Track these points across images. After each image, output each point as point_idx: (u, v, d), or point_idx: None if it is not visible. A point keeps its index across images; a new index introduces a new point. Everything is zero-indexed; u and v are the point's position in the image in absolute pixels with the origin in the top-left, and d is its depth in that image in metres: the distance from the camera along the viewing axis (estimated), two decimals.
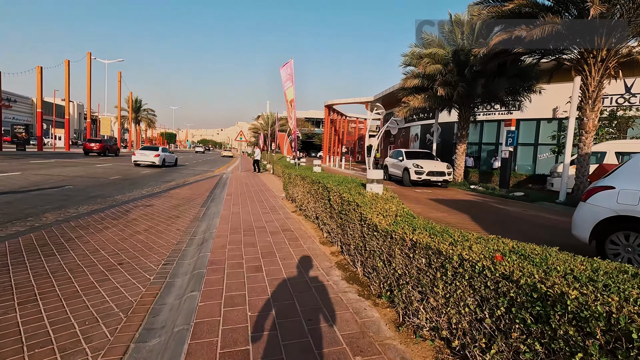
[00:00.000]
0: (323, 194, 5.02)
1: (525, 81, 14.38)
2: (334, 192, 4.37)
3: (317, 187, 5.43)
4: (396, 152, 17.56)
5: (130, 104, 50.69)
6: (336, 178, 5.64)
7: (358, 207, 3.40)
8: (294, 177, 7.86)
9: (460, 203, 10.26)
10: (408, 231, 2.46)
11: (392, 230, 2.61)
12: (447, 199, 11.19)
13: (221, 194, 10.74)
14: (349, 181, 5.19)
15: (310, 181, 6.10)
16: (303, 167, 10.69)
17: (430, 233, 2.37)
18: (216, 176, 18.17)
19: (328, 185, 4.76)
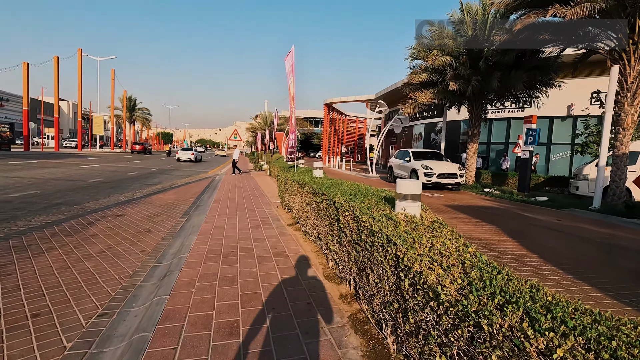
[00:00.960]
0: (328, 211, 3.73)
1: (544, 74, 13.13)
2: (346, 211, 3.09)
3: (320, 199, 4.13)
4: (402, 152, 16.29)
5: (125, 103, 49.29)
6: (345, 187, 4.34)
7: (389, 243, 2.12)
8: (290, 183, 6.56)
9: (481, 211, 9.00)
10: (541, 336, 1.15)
11: (479, 311, 1.32)
12: (464, 205, 9.93)
13: (209, 199, 9.46)
14: (365, 193, 3.89)
15: (310, 190, 4.81)
16: (301, 169, 9.41)
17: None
18: (208, 178, 16.89)
19: (336, 200, 3.46)
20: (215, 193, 10.75)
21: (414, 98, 15.21)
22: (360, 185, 4.61)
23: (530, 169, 12.05)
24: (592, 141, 12.95)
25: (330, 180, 5.50)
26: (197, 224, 6.17)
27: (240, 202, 8.91)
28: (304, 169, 9.77)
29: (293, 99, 9.35)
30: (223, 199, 9.44)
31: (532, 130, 11.75)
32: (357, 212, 2.82)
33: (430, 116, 26.80)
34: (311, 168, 9.84)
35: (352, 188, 4.22)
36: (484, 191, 13.61)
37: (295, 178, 6.20)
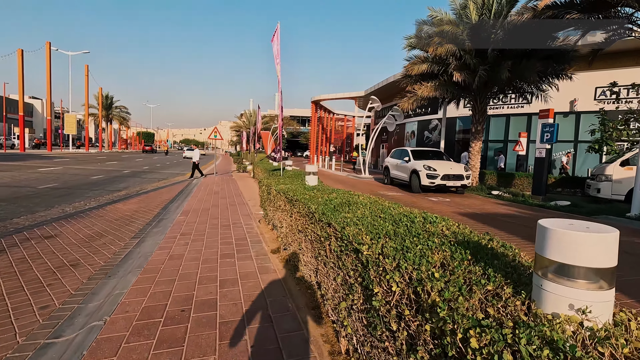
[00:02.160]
0: (344, 262, 2.11)
1: (559, 64, 11.86)
2: (398, 284, 1.45)
3: (324, 234, 2.53)
4: (399, 151, 14.84)
5: (100, 101, 46.55)
6: (368, 212, 2.77)
7: None
8: (274, 193, 4.91)
9: (506, 221, 7.58)
10: None
11: None
12: (481, 212, 8.51)
13: (176, 210, 7.76)
14: (419, 231, 2.25)
15: (305, 212, 3.19)
16: (289, 172, 7.79)
17: None
18: (185, 181, 15.10)
19: (364, 251, 1.80)
20: (186, 201, 9.04)
21: (412, 91, 13.76)
22: (392, 207, 3.04)
23: (547, 170, 10.75)
24: (610, 137, 11.75)
25: (334, 193, 3.91)
26: (148, 252, 4.50)
27: (215, 213, 7.24)
28: (292, 172, 8.14)
29: (279, 87, 7.74)
30: (194, 209, 7.75)
31: (549, 126, 10.44)
32: (435, 295, 1.22)
33: (423, 113, 25.52)
34: (301, 171, 8.25)
35: (383, 213, 2.63)
36: (491, 194, 12.27)
37: (282, 188, 4.57)
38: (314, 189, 4.24)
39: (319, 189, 4.19)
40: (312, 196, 3.53)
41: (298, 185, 4.77)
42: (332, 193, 3.76)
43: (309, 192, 3.88)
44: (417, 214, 2.67)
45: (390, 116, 19.99)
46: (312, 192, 3.94)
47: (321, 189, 4.31)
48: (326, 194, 3.70)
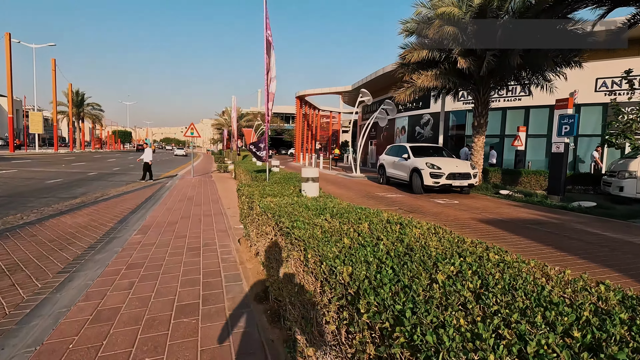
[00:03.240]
0: None
1: (572, 50, 10.75)
2: None
3: (357, 325, 1.09)
4: (396, 147, 13.55)
5: (70, 98, 43.60)
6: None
7: None
8: (259, 212, 3.34)
9: (537, 229, 6.34)
10: None
11: None
12: (500, 217, 7.26)
13: (136, 223, 6.18)
14: None
15: (314, 259, 1.71)
16: (277, 176, 6.30)
17: None
18: (158, 183, 13.39)
19: None
20: (152, 210, 7.44)
21: (410, 81, 12.47)
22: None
23: (565, 166, 9.62)
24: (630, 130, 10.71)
25: (364, 221, 2.45)
26: (64, 306, 2.97)
27: (183, 229, 5.71)
28: (280, 174, 6.64)
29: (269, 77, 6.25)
30: (158, 223, 6.19)
31: (567, 117, 9.30)
32: None
33: (414, 108, 24.36)
34: (292, 173, 6.76)
35: None
36: (500, 194, 11.12)
37: (270, 205, 3.07)
38: (319, 208, 2.77)
39: (329, 208, 2.73)
40: (325, 228, 2.07)
41: (292, 198, 3.33)
42: (362, 221, 2.29)
43: (314, 216, 2.42)
44: None
45: (382, 110, 18.70)
46: (320, 213, 2.49)
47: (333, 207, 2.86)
48: (352, 222, 2.24)
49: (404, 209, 8.03)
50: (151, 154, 14.23)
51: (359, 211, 2.71)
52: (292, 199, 3.31)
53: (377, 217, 2.50)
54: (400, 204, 8.93)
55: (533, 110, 18.70)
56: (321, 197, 3.46)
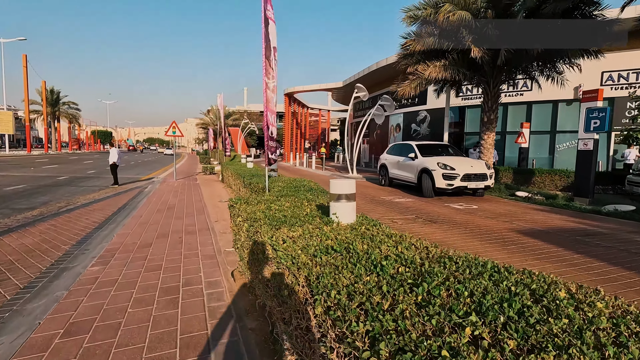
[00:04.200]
0: None
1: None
2: None
3: None
4: (399, 146, 12.45)
5: (44, 96, 41.08)
6: None
7: None
8: (274, 258, 2.05)
9: (586, 242, 5.29)
10: None
11: None
12: (535, 226, 6.19)
13: (99, 246, 4.85)
14: None
15: None
16: (280, 183, 5.04)
17: None
18: (137, 188, 11.94)
19: None
20: (122, 225, 6.10)
21: (416, 73, 11.36)
22: None
23: (595, 166, 8.66)
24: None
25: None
26: None
27: (157, 256, 4.41)
28: (283, 182, 5.38)
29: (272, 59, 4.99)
30: (126, 245, 4.87)
31: (597, 111, 8.34)
32: None
33: (409, 104, 23.39)
34: (299, 180, 5.47)
35: None
36: (517, 196, 10.13)
37: (293, 256, 1.80)
38: (375, 260, 1.56)
39: (397, 260, 1.51)
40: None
41: (318, 228, 2.12)
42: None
43: (391, 288, 1.21)
44: None
45: (379, 107, 17.59)
46: (391, 277, 1.28)
47: (399, 253, 1.64)
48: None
49: (422, 218, 6.90)
50: (117, 154, 12.70)
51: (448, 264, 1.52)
52: (321, 230, 2.11)
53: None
54: (414, 210, 7.79)
55: (536, 105, 17.92)
56: (362, 226, 2.27)
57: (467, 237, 5.41)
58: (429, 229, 5.92)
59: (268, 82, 4.94)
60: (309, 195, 3.68)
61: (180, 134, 14.37)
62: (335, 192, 2.39)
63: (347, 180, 2.37)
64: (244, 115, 50.27)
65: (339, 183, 2.34)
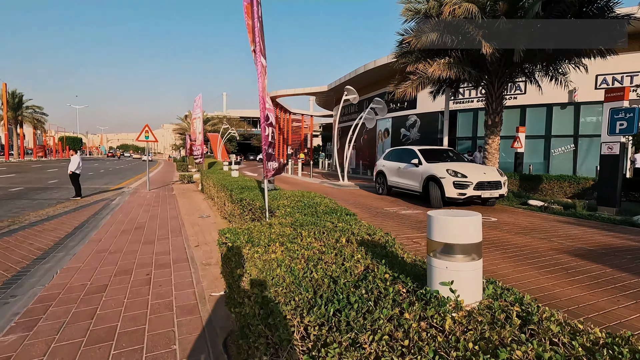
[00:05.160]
0: None
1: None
2: None
3: None
4: (399, 151, 11.44)
5: (5, 99, 38.05)
6: None
7: None
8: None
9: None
10: None
11: None
12: (579, 244, 5.22)
13: (30, 292, 3.46)
14: None
15: None
16: (286, 201, 3.79)
17: None
18: (102, 201, 10.36)
19: None
20: (71, 256, 4.68)
21: (417, 72, 10.40)
22: None
23: (622, 172, 7.87)
24: None
25: None
26: None
27: (110, 311, 3.08)
28: (290, 200, 4.09)
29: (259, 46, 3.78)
30: (68, 291, 3.50)
31: (624, 112, 7.57)
32: None
33: (398, 108, 22.63)
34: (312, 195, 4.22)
35: None
36: (529, 205, 9.26)
37: None
38: None
39: None
40: None
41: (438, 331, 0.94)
42: None
43: None
44: None
45: (371, 110, 16.63)
46: None
47: None
48: None
49: None
50: (78, 162, 11.06)
51: None
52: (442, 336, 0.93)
53: None
54: (421, 222, 6.70)
55: (530, 109, 17.43)
56: (502, 310, 1.09)
57: (517, 264, 4.35)
58: None
59: (264, 62, 3.75)
60: (339, 224, 2.50)
61: (153, 139, 12.86)
62: (443, 240, 1.21)
63: (466, 217, 1.20)
64: (223, 121, 48.54)
65: (451, 222, 1.18)
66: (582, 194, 10.67)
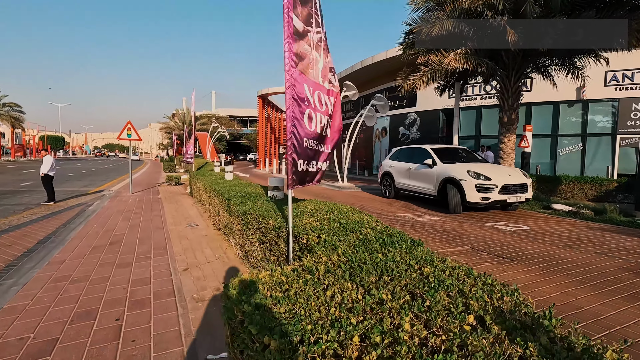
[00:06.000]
0: None
1: None
2: None
3: None
4: (409, 150, 10.52)
5: None
6: None
7: None
8: None
9: None
10: None
11: None
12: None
13: None
14: None
15: None
16: (313, 221, 2.77)
17: None
18: (78, 206, 9.18)
19: None
20: (22, 284, 3.58)
21: (429, 64, 9.49)
22: None
23: None
24: None
25: None
26: None
27: None
28: (316, 219, 3.04)
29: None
30: (1, 349, 2.43)
31: None
32: None
33: (397, 106, 21.78)
34: (352, 213, 3.23)
35: None
36: (553, 209, 8.44)
37: None
38: None
39: None
40: None
41: None
42: None
43: None
44: None
45: (371, 108, 15.69)
46: None
47: None
48: None
49: (479, 249, 4.87)
50: (51, 164, 9.83)
51: None
52: None
53: None
54: (455, 236, 5.77)
55: (536, 107, 16.74)
56: None
57: (598, 294, 3.42)
58: (515, 273, 3.89)
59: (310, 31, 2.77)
60: (425, 269, 1.50)
61: (137, 137, 11.66)
62: None
63: None
64: (213, 120, 47.08)
65: None
66: (604, 196, 9.92)
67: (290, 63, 2.66)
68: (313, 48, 3.13)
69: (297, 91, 2.81)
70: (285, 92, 2.68)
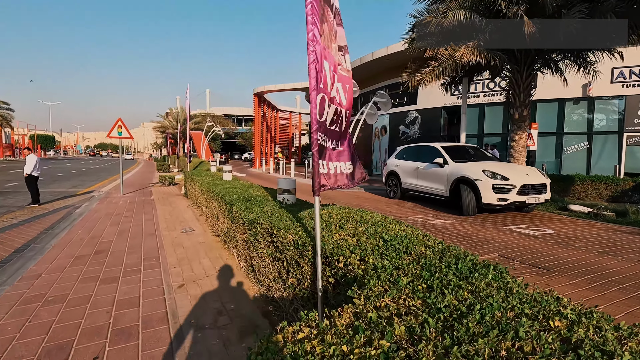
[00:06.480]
0: None
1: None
2: None
3: None
4: (416, 148, 10.01)
5: None
6: None
7: None
8: None
9: None
10: None
11: None
12: None
13: None
14: None
15: None
16: (345, 236, 2.23)
17: None
18: (64, 209, 8.53)
19: None
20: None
21: (439, 57, 8.97)
22: None
23: None
24: None
25: None
26: None
27: None
28: (348, 234, 2.47)
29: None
30: None
31: None
32: None
33: (397, 104, 21.26)
34: (399, 231, 2.62)
35: None
36: (570, 210, 7.98)
37: None
38: None
39: None
40: None
41: None
42: None
43: None
44: None
45: (373, 105, 15.15)
46: None
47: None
48: None
49: (508, 258, 4.36)
50: (35, 163, 9.16)
51: None
52: None
53: None
54: (477, 241, 5.26)
55: (540, 104, 16.33)
56: None
57: None
58: (562, 288, 3.38)
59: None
60: (525, 317, 0.98)
61: (128, 135, 11.01)
62: None
63: None
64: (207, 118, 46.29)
65: None
66: (620, 196, 9.49)
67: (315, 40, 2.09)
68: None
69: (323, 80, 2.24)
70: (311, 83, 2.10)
